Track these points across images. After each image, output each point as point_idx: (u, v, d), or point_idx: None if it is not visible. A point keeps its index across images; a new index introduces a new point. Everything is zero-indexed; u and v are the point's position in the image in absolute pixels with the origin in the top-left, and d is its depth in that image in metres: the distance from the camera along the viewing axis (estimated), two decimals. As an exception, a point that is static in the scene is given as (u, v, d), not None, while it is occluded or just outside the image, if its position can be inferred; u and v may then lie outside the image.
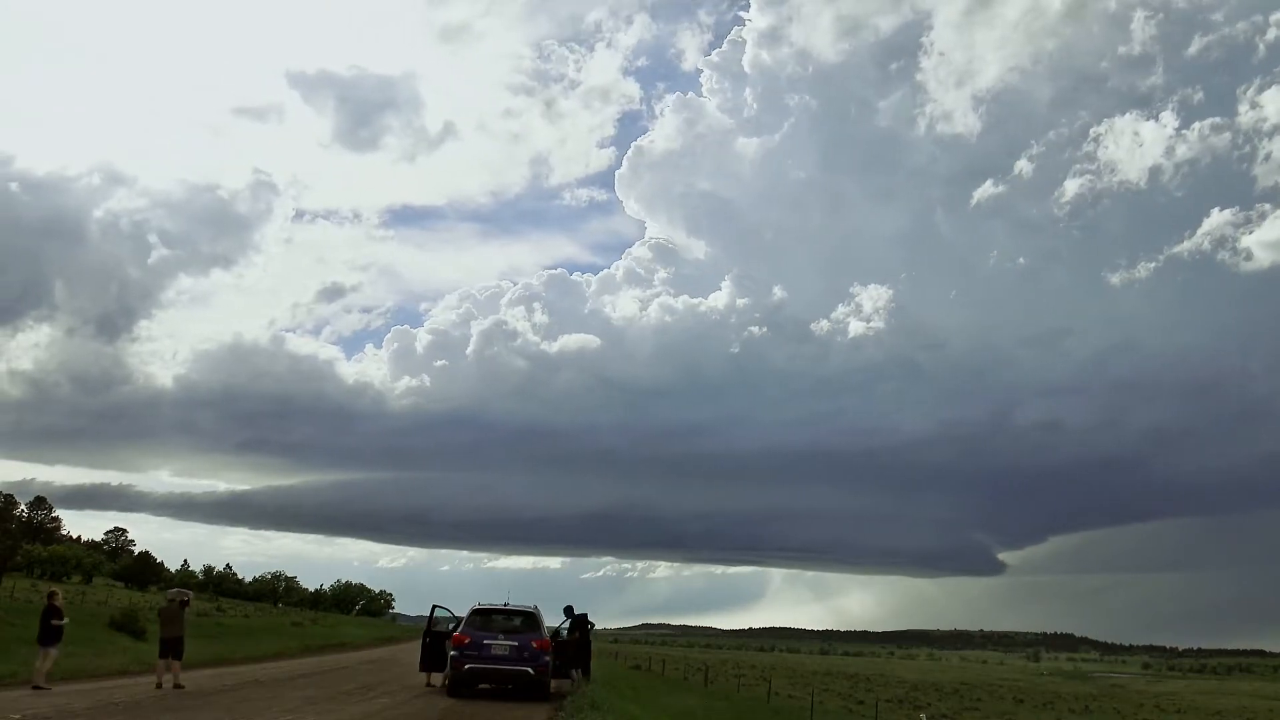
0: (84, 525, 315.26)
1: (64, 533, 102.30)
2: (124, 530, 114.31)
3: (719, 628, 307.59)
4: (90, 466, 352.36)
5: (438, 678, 20.98)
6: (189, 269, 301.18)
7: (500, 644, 18.80)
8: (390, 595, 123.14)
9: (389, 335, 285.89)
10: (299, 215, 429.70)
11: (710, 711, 25.80)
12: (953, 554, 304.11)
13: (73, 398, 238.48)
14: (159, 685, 17.03)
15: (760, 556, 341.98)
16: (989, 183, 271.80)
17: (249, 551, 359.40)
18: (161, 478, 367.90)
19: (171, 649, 17.51)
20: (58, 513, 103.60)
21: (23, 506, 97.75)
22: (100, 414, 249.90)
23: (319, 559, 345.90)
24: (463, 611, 20.19)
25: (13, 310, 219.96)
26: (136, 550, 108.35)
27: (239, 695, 17.10)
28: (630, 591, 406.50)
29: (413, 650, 29.44)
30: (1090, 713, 50.68)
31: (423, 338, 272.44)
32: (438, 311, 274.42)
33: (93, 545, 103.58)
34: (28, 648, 16.56)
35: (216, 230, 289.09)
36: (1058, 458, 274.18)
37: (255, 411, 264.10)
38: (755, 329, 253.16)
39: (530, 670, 18.76)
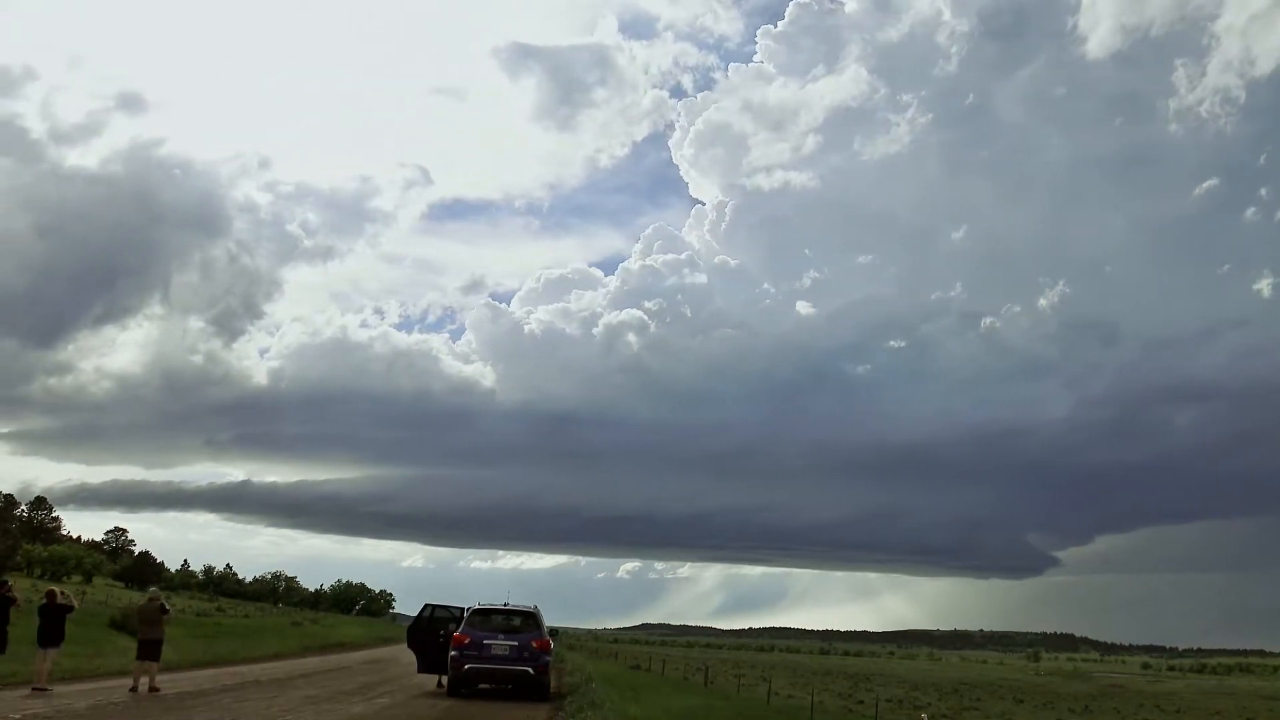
0: (132, 527, 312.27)
1: (64, 532, 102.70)
2: (124, 530, 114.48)
3: (719, 628, 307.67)
4: (144, 466, 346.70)
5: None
6: (313, 260, 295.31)
7: (500, 644, 18.83)
8: (390, 595, 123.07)
9: (495, 328, 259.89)
10: (446, 203, 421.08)
11: (711, 711, 25.78)
12: (1009, 553, 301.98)
13: (155, 397, 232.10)
14: (134, 688, 16.53)
15: (772, 555, 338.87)
16: (1213, 179, 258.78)
17: (272, 551, 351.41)
18: (231, 475, 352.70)
19: (149, 651, 17.08)
20: (58, 513, 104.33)
21: (23, 506, 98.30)
22: (180, 414, 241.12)
23: (342, 559, 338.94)
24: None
25: (126, 305, 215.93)
26: (137, 550, 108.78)
27: (239, 695, 17.11)
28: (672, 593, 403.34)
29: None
30: (1090, 712, 50.66)
31: (542, 331, 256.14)
32: (574, 304, 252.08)
33: (93, 545, 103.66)
34: (28, 647, 16.56)
35: (351, 221, 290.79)
36: (1159, 456, 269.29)
37: (350, 410, 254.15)
38: (926, 325, 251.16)
39: (530, 670, 18.79)
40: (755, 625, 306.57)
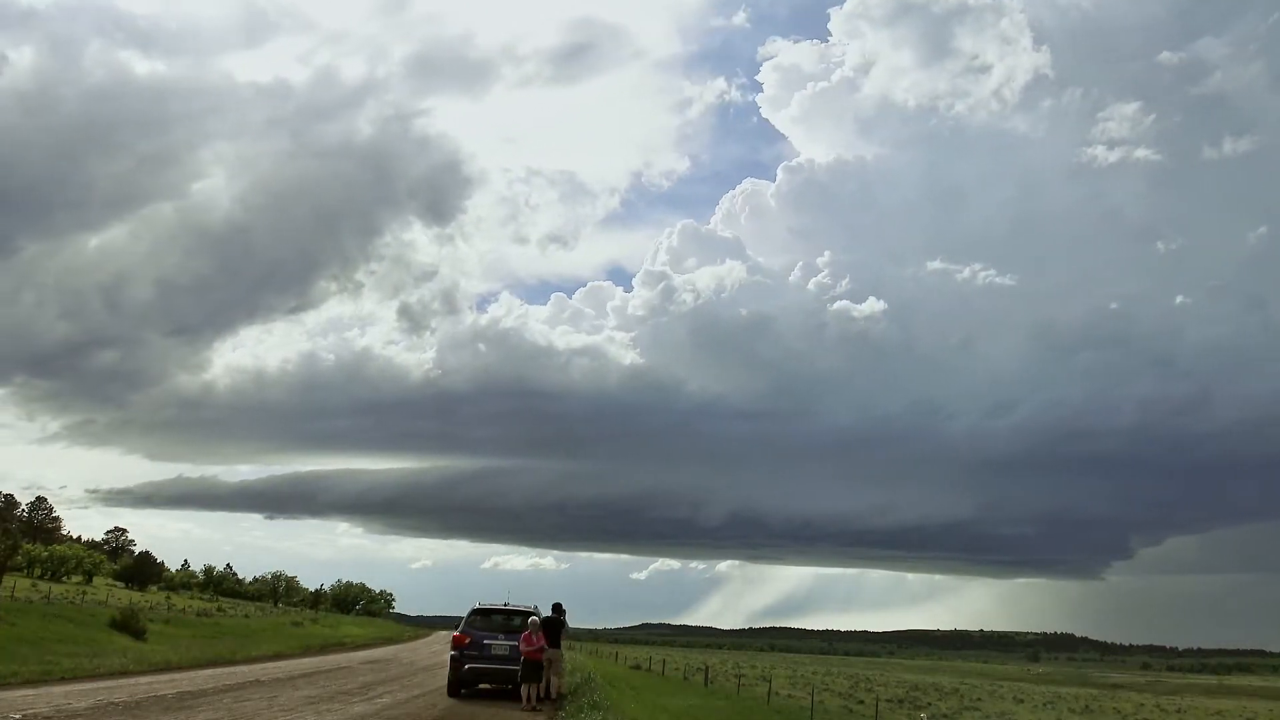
0: (161, 526, 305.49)
1: (64, 532, 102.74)
2: (124, 530, 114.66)
3: (720, 627, 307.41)
4: (261, 464, 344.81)
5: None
6: (536, 246, 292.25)
7: (500, 644, 18.80)
8: (390, 595, 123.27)
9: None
10: (648, 192, 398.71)
11: (711, 711, 25.76)
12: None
13: (281, 396, 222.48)
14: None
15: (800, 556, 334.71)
16: None
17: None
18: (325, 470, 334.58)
19: None
20: (57, 512, 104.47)
21: (23, 506, 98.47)
22: (295, 413, 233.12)
23: (378, 557, 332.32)
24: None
25: (307, 299, 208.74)
26: (138, 549, 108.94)
27: (239, 695, 17.07)
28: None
29: (413, 650, 29.44)
30: (1090, 712, 50.63)
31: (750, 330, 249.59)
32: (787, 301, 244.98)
33: (93, 545, 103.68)
34: (28, 647, 16.52)
35: (578, 209, 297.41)
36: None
37: (507, 408, 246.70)
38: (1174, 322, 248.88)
39: (530, 670, 18.74)
40: (755, 625, 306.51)
